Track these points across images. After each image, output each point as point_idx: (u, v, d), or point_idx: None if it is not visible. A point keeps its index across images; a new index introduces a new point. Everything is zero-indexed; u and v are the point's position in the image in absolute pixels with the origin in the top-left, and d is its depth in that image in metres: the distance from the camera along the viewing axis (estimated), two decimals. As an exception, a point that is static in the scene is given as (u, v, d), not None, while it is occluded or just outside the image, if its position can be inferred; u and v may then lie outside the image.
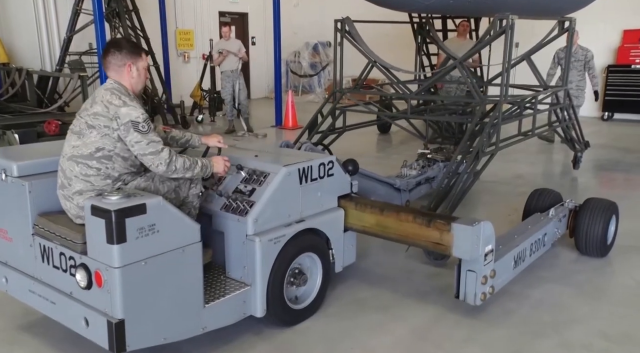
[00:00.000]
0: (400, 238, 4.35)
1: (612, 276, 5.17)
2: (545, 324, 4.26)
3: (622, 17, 13.94)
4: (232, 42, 12.50)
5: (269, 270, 3.90)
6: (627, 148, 10.96)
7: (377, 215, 4.39)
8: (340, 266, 4.58)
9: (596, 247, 5.29)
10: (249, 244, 3.81)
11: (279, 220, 3.99)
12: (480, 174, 5.78)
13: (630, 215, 6.45)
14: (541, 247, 5.05)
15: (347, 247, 4.62)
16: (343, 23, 6.60)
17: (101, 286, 3.17)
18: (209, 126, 13.75)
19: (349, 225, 4.54)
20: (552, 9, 7.14)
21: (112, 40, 3.69)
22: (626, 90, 14.07)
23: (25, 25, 13.45)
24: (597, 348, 3.94)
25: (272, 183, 3.95)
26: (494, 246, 4.23)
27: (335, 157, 4.43)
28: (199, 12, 17.24)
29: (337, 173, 4.43)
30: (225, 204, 3.95)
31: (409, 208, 4.41)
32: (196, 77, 14.85)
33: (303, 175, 4.12)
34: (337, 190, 4.49)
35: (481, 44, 5.64)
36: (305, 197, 4.16)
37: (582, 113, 14.58)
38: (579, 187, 8.16)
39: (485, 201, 7.29)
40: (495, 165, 9.05)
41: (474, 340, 4.05)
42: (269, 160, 4.19)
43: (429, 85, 6.11)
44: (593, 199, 5.43)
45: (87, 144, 3.48)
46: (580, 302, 4.60)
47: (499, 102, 5.58)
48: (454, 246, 4.09)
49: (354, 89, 6.84)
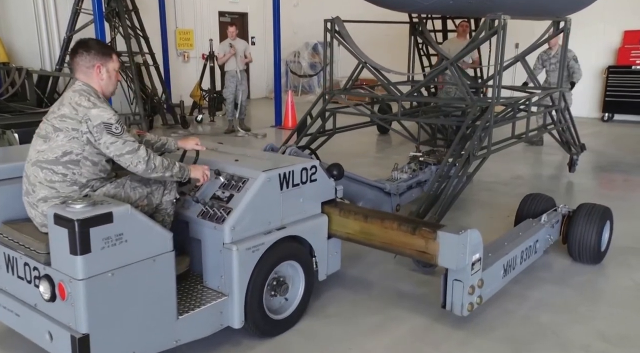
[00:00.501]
0: (385, 246, 4.16)
1: (611, 277, 5.06)
2: (543, 325, 4.19)
3: (623, 17, 13.80)
4: (238, 42, 12.40)
5: (247, 279, 3.71)
6: (627, 149, 10.82)
7: (361, 222, 4.20)
8: (324, 274, 4.39)
9: (590, 254, 5.09)
10: (225, 253, 3.63)
11: (258, 227, 3.81)
12: (471, 178, 5.58)
13: (629, 217, 6.40)
14: (532, 254, 4.85)
15: (331, 255, 4.43)
16: (333, 23, 6.40)
17: (65, 299, 3.00)
18: (208, 126, 13.62)
19: (332, 231, 4.35)
20: (550, 10, 6.95)
21: (80, 41, 3.47)
22: (626, 91, 13.89)
23: (25, 24, 13.33)
24: (596, 349, 3.88)
25: (251, 190, 3.76)
26: (481, 255, 4.04)
27: (318, 162, 4.24)
28: (199, 11, 17.08)
29: (320, 178, 4.24)
30: (202, 211, 3.77)
31: (394, 215, 4.22)
32: (196, 76, 14.73)
33: (284, 180, 3.94)
34: (321, 196, 4.30)
35: (473, 45, 5.43)
36: (286, 203, 3.98)
37: (582, 114, 14.59)
38: (578, 189, 8.02)
39: (484, 202, 7.13)
40: (495, 165, 9.01)
41: (472, 342, 3.98)
42: (249, 165, 4.01)
43: (421, 87, 5.91)
44: (587, 205, 5.22)
45: (53, 148, 3.29)
46: (579, 303, 4.53)
47: (491, 104, 5.37)
48: (439, 255, 3.90)
49: (344, 90, 6.63)
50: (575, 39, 14.19)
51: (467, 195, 7.18)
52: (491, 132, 5.49)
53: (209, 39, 14.32)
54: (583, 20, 12.23)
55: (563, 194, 7.65)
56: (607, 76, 14.11)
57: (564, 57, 6.66)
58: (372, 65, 6.39)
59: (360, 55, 6.35)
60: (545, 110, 6.89)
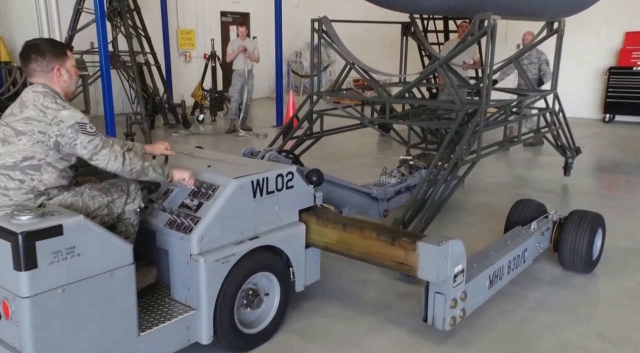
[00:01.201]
0: (365, 257, 3.89)
1: (611, 278, 4.92)
2: (542, 325, 4.10)
3: (624, 19, 13.60)
4: (247, 41, 12.26)
5: (216, 292, 3.45)
6: (628, 150, 10.62)
7: (340, 231, 3.93)
8: (301, 285, 4.11)
9: (581, 263, 4.81)
10: (193, 264, 3.37)
11: (229, 237, 3.55)
12: (460, 184, 5.30)
13: (630, 218, 6.32)
14: (521, 263, 4.57)
15: (309, 265, 4.15)
16: (320, 23, 6.13)
17: (9, 318, 2.75)
18: (210, 126, 13.39)
19: (311, 241, 4.08)
20: (549, 12, 6.68)
21: (30, 45, 3.17)
22: (628, 93, 13.66)
23: (26, 24, 13.12)
24: (595, 349, 3.80)
25: (221, 198, 3.50)
26: (464, 266, 3.77)
27: (295, 168, 3.98)
28: (201, 11, 16.83)
29: (297, 184, 3.97)
30: (169, 220, 3.51)
31: (374, 224, 3.93)
32: (197, 76, 14.51)
33: (257, 187, 3.68)
34: (298, 203, 4.03)
35: (463, 45, 5.14)
36: (260, 211, 3.71)
37: (583, 115, 14.49)
38: (578, 190, 7.81)
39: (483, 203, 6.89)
40: (495, 166, 8.95)
41: (471, 342, 3.88)
42: (221, 171, 3.74)
43: (410, 89, 5.63)
44: (578, 211, 4.94)
45: (13, 152, 3.03)
46: (578, 304, 4.42)
47: (480, 107, 5.08)
48: (419, 267, 3.63)
49: (332, 91, 6.35)
50: (576, 40, 14.13)
51: (466, 197, 6.98)
52: (481, 136, 5.20)
53: (211, 39, 14.10)
54: (585, 21, 12.15)
55: (563, 195, 7.50)
56: (608, 77, 13.91)
57: (558, 59, 6.34)
58: (360, 66, 6.11)
59: (348, 56, 6.06)
60: (538, 113, 6.58)
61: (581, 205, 6.90)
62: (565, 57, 14.25)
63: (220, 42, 16.01)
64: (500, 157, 9.45)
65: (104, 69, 10.12)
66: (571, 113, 14.36)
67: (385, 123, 6.46)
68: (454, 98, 5.32)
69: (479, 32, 5.00)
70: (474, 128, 5.02)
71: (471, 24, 5.08)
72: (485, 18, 4.85)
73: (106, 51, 10.08)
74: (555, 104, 6.68)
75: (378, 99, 6.07)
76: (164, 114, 13.05)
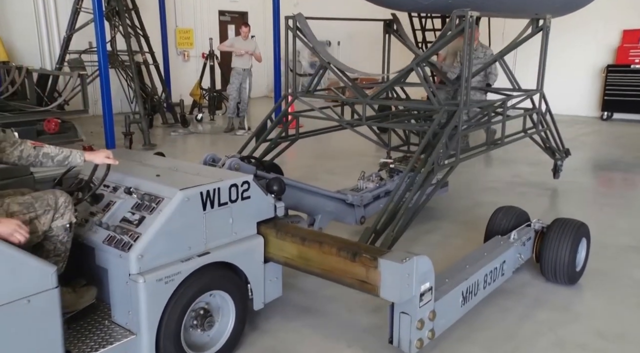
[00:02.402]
0: (324, 274, 3.47)
1: (609, 275, 4.74)
2: (541, 323, 3.95)
3: (622, 17, 13.26)
4: (249, 41, 11.95)
5: (158, 315, 3.05)
6: (626, 148, 10.32)
7: (299, 245, 3.52)
8: (260, 303, 3.70)
9: (563, 275, 4.37)
10: (131, 285, 2.97)
11: (175, 254, 3.14)
12: (438, 188, 4.85)
13: (629, 215, 6.20)
14: (499, 277, 4.13)
15: (269, 281, 3.74)
16: (294, 20, 5.69)
17: None
18: (208, 125, 13.07)
19: (270, 255, 3.66)
20: (547, 10, 6.26)
21: None
22: (625, 90, 13.33)
23: (25, 23, 12.80)
24: (593, 347, 3.68)
25: (165, 211, 3.10)
26: (433, 283, 3.35)
27: (252, 177, 3.55)
28: (199, 10, 16.40)
29: (255, 195, 3.56)
30: (108, 236, 3.11)
31: (334, 238, 3.50)
32: (196, 75, 14.15)
33: (207, 199, 3.27)
34: (256, 215, 3.62)
35: (441, 42, 4.69)
36: (211, 225, 3.31)
37: (581, 113, 14.23)
38: (577, 188, 7.54)
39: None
40: (487, 164, 8.66)
41: (470, 339, 3.72)
42: (168, 181, 3.33)
43: (386, 89, 5.18)
44: (561, 220, 4.49)
45: None
46: (577, 302, 4.29)
47: (459, 108, 4.63)
48: (381, 286, 3.21)
49: (307, 92, 5.91)
50: (574, 38, 13.76)
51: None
52: (459, 138, 4.75)
53: (209, 38, 13.73)
54: (582, 19, 11.97)
55: (560, 193, 7.25)
56: (606, 75, 13.59)
57: (544, 58, 5.87)
58: (337, 65, 5.67)
59: (324, 55, 5.62)
60: (524, 114, 6.11)
61: (580, 202, 6.78)
62: (563, 55, 14.12)
63: (219, 41, 15.59)
64: (492, 155, 9.02)
65: (102, 69, 9.92)
66: (569, 111, 14.27)
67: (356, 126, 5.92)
68: (431, 99, 4.87)
69: (456, 28, 4.54)
70: (451, 130, 4.57)
71: (449, 20, 4.63)
72: (463, 14, 4.39)
73: (104, 51, 9.86)
74: (542, 104, 6.18)
75: (354, 99, 5.62)
76: (162, 113, 12.73)
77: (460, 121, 4.66)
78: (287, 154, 10.42)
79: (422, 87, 4.88)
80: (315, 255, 3.45)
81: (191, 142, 11.34)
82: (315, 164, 8.80)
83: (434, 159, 4.45)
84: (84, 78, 11.07)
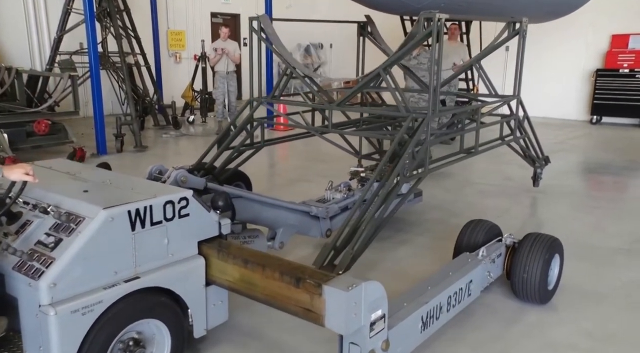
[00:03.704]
0: (268, 300, 3.04)
1: (598, 277, 4.62)
2: (531, 324, 3.82)
3: (611, 22, 13.08)
4: (228, 43, 11.64)
5: (74, 349, 2.62)
6: (616, 151, 10.14)
7: (241, 268, 3.08)
8: (202, 330, 3.26)
9: (534, 293, 3.92)
10: (42, 318, 2.54)
11: (96, 281, 2.71)
12: (403, 203, 4.38)
13: (618, 218, 6.11)
14: (465, 297, 3.68)
15: (213, 305, 3.31)
16: (259, 21, 5.23)
17: None
18: (200, 127, 12.66)
19: (212, 278, 3.23)
20: (530, 14, 5.87)
21: None
22: (614, 94, 13.14)
23: (15, 24, 12.41)
24: (583, 347, 3.57)
25: (85, 233, 2.67)
26: (386, 311, 2.92)
27: (191, 193, 3.11)
28: (191, 12, 15.94)
29: (195, 212, 3.12)
30: (19, 261, 2.67)
31: (279, 260, 3.06)
32: (187, 77, 13.71)
33: (137, 218, 2.83)
34: (197, 234, 3.18)
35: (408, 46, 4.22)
36: (142, 246, 2.88)
37: (571, 117, 14.09)
38: (567, 191, 7.31)
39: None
40: (485, 166, 8.34)
41: (460, 340, 3.59)
42: (92, 199, 2.89)
43: (353, 95, 4.72)
44: (533, 235, 4.04)
45: None
46: (567, 303, 4.14)
47: (427, 116, 4.17)
48: (326, 315, 2.77)
49: (272, 97, 5.45)
50: (564, 43, 13.46)
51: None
52: (428, 148, 4.29)
53: (201, 40, 13.32)
54: (572, 24, 11.83)
55: (551, 196, 6.96)
56: (595, 79, 13.39)
57: (521, 62, 5.39)
58: (302, 70, 5.21)
59: (288, 59, 5.16)
60: (501, 121, 5.64)
61: (570, 205, 6.59)
62: (553, 59, 13.76)
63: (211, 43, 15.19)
64: (490, 155, 8.64)
65: (93, 70, 9.62)
66: (560, 114, 14.11)
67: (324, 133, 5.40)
68: (399, 105, 4.40)
69: (424, 32, 4.08)
70: (418, 139, 4.10)
71: (416, 22, 4.17)
72: (431, 16, 3.94)
73: (96, 52, 9.58)
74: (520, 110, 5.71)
75: (319, 105, 5.16)
76: (154, 115, 12.34)
77: (429, 129, 4.20)
78: (278, 156, 10.13)
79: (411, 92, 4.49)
80: (259, 279, 3.02)
81: (183, 144, 11.00)
82: (307, 166, 8.46)
83: (399, 171, 3.99)
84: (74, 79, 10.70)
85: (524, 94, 5.76)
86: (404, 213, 5.71)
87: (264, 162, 9.45)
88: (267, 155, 9.87)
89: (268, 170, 9.12)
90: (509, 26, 5.08)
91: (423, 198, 5.84)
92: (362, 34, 5.86)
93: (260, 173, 8.54)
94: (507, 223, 5.65)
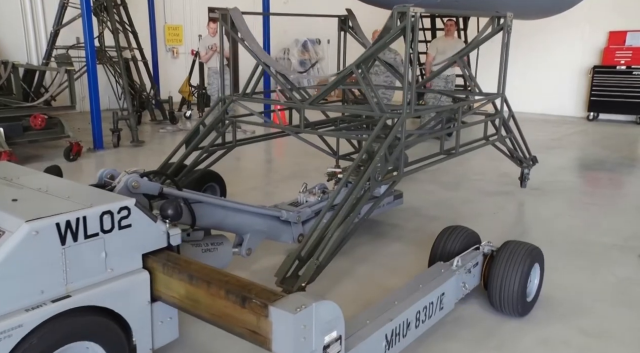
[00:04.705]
0: (214, 320, 2.69)
1: (592, 273, 4.47)
2: (524, 321, 3.66)
3: (608, 18, 12.70)
4: (217, 38, 11.05)
5: (-13, 380, 2.27)
6: (612, 148, 9.84)
7: (186, 284, 2.73)
8: (147, 349, 2.92)
9: (512, 306, 3.56)
10: (-52, 345, 2.20)
11: (16, 302, 2.37)
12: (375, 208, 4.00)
13: (612, 214, 5.95)
14: (436, 311, 3.32)
15: (160, 322, 2.96)
16: (228, 15, 4.84)
17: None
18: (196, 122, 12.25)
19: (158, 293, 2.88)
20: (537, 10, 5.55)
21: None
22: (611, 91, 12.76)
23: (11, 18, 12.09)
24: (576, 344, 3.46)
25: (3, 248, 2.32)
26: (342, 333, 2.56)
27: (133, 201, 2.76)
28: (188, 7, 15.52)
29: (138, 222, 2.77)
30: None
31: (227, 276, 2.70)
32: (185, 72, 13.42)
33: (68, 230, 2.48)
34: (141, 246, 2.83)
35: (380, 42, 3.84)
36: (74, 262, 2.53)
37: (568, 113, 13.68)
38: (564, 187, 7.06)
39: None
40: (481, 163, 8.06)
41: (455, 336, 3.46)
42: (16, 210, 2.54)
43: (326, 93, 4.35)
44: (511, 243, 3.67)
45: None
46: (560, 299, 3.99)
47: (401, 116, 3.79)
48: (273, 339, 2.43)
49: (244, 95, 5.08)
50: (562, 39, 13.08)
51: (452, 196, 6.08)
52: (402, 149, 3.91)
53: (198, 35, 13.05)
54: (569, 21, 11.54)
55: (546, 192, 6.69)
56: (592, 76, 13.00)
57: (506, 59, 4.99)
58: (274, 67, 4.83)
59: (260, 54, 4.79)
60: (485, 120, 5.25)
61: (565, 201, 6.36)
62: (550, 55, 13.37)
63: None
64: (485, 150, 8.29)
65: (90, 65, 9.35)
66: (557, 111, 13.70)
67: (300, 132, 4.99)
68: (371, 104, 4.02)
69: (398, 27, 3.70)
70: (391, 140, 3.72)
71: (389, 17, 3.78)
72: (404, 10, 3.55)
73: (92, 46, 9.34)
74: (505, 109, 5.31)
75: (290, 103, 4.78)
76: (151, 110, 12.05)
77: (404, 130, 3.82)
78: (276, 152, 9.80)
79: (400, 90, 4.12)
80: (204, 296, 2.67)
81: (179, 139, 10.62)
82: (304, 162, 8.10)
83: (370, 174, 3.62)
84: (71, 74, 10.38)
85: (521, 91, 5.43)
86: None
87: (260, 158, 9.19)
88: (264, 151, 9.59)
89: (265, 165, 8.86)
90: (493, 21, 4.68)
91: (421, 196, 5.50)
92: (343, 29, 5.46)
93: (257, 169, 8.28)
94: (502, 220, 5.68)
